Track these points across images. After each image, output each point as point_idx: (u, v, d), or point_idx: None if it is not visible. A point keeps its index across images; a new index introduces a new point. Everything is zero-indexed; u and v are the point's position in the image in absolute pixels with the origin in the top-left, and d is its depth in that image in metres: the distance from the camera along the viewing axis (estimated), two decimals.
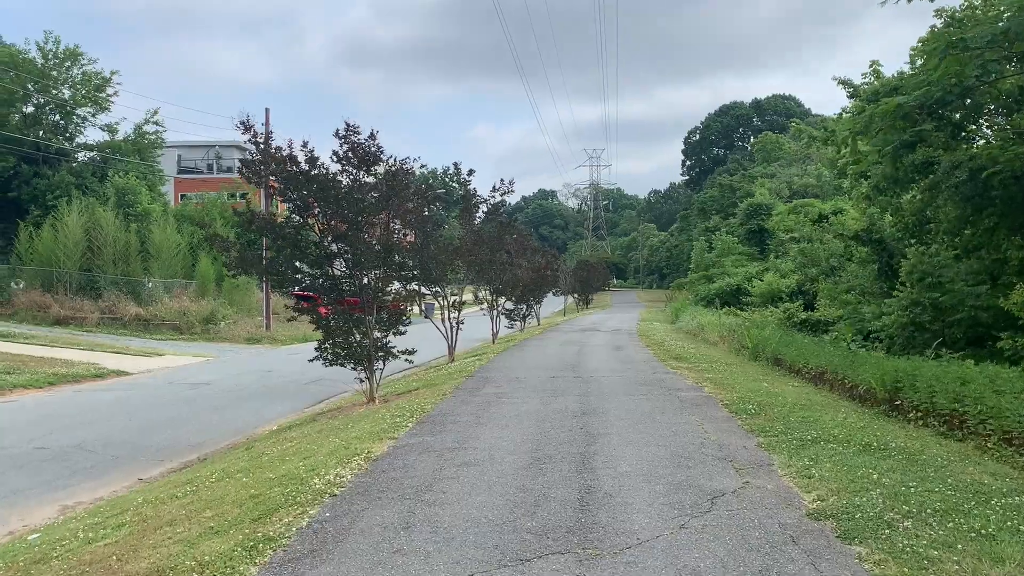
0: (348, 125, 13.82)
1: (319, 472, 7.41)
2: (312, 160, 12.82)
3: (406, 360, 14.45)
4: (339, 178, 13.47)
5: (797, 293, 35.11)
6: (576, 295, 62.87)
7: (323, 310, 28.22)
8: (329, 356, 13.83)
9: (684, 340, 24.71)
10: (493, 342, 27.37)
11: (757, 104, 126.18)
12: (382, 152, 13.71)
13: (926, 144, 21.02)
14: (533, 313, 38.12)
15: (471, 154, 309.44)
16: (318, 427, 12.03)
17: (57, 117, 52.66)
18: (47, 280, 39.56)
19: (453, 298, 22.78)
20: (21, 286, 39.41)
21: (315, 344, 14.17)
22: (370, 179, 13.92)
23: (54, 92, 51.33)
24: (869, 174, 22.61)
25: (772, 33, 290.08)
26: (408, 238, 20.97)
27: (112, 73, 53.90)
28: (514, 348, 22.90)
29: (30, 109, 49.42)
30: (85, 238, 39.63)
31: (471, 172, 21.23)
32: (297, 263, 13.69)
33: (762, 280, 37.98)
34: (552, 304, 55.98)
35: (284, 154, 12.81)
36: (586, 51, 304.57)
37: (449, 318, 21.23)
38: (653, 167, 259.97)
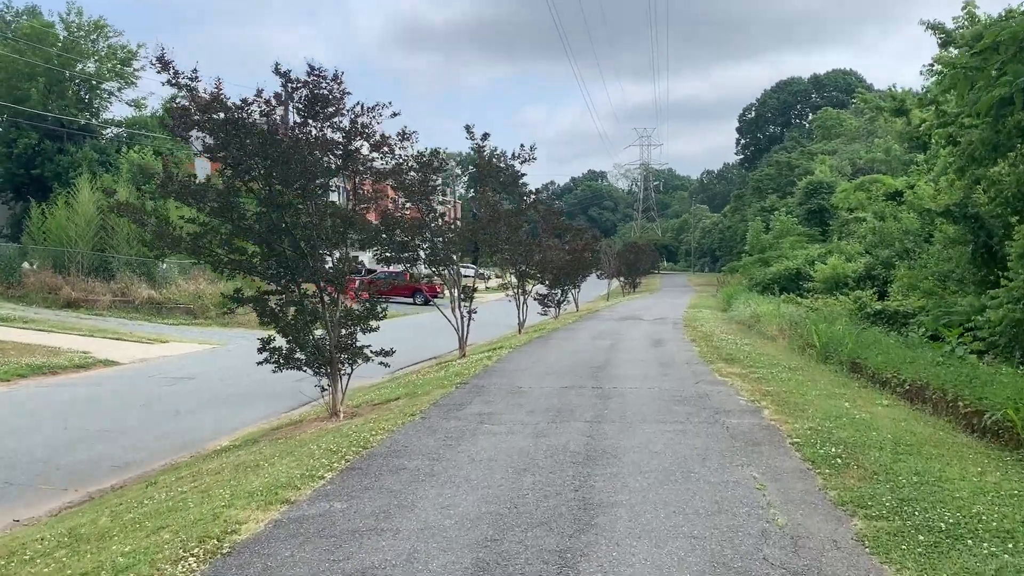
0: (312, 68, 10.80)
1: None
2: (245, 105, 9.81)
3: (380, 363, 11.50)
4: (297, 133, 10.46)
5: (865, 279, 31.30)
6: (622, 278, 59.32)
7: (351, 295, 25.23)
8: (280, 359, 10.92)
9: (736, 333, 21.29)
10: (519, 332, 24.29)
11: (816, 79, 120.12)
12: (344, 98, 10.63)
13: None
14: (571, 298, 34.93)
15: (523, 136, 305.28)
16: (249, 454, 9.15)
17: (81, 92, 50.85)
18: (59, 261, 37.62)
19: (466, 282, 19.77)
20: (33, 267, 37.58)
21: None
22: (336, 135, 10.89)
23: (78, 66, 49.48)
24: (960, 139, 18.93)
25: (833, 8, 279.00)
26: (410, 213, 18.01)
27: (139, 46, 51.84)
28: (538, 341, 19.79)
29: (52, 83, 47.55)
30: (99, 217, 37.55)
31: (486, 136, 18.11)
32: (241, 241, 10.76)
33: (825, 264, 34.14)
34: (597, 288, 52.60)
35: (212, 96, 9.82)
36: (637, 28, 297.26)
37: (460, 307, 18.20)
38: (707, 148, 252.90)
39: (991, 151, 17.71)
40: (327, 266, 10.93)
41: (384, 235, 17.49)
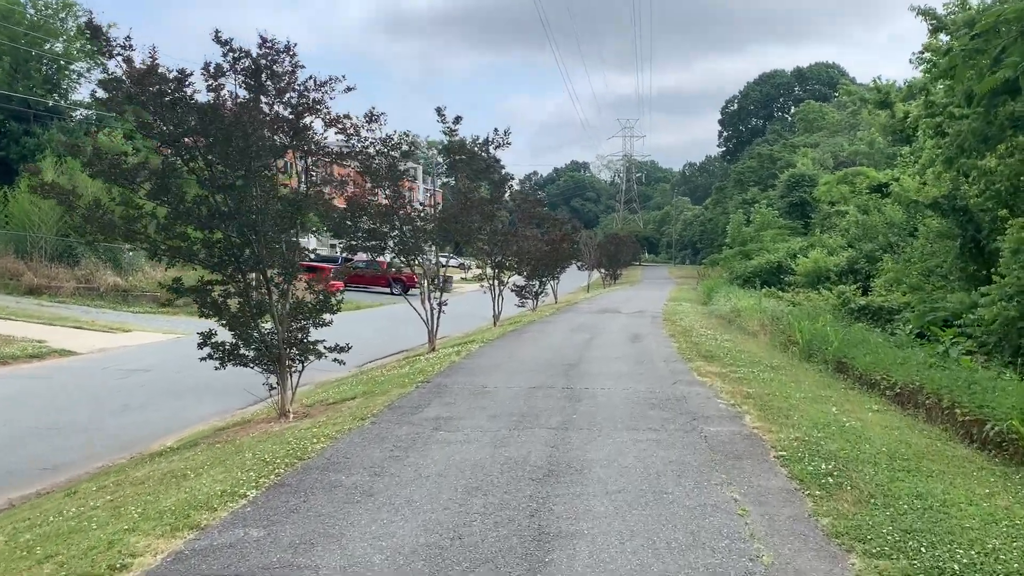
0: (263, 40, 9.90)
1: None
2: (183, 79, 8.90)
3: (335, 360, 10.67)
4: (240, 108, 9.56)
5: (848, 273, 30.75)
6: (603, 270, 58.65)
7: (333, 283, 24.30)
8: (223, 355, 10.07)
9: (717, 328, 20.61)
10: (495, 324, 23.51)
11: (799, 72, 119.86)
12: (296, 71, 9.74)
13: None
14: (549, 290, 34.17)
15: (507, 125, 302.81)
16: (183, 460, 8.30)
17: (49, 72, 49.31)
18: (21, 246, 36.33)
19: (439, 271, 18.93)
20: None
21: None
22: (286, 112, 9.99)
23: (46, 45, 47.97)
24: (948, 131, 18.29)
25: (816, 2, 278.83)
26: (379, 200, 17.15)
27: (110, 26, 50.30)
28: (511, 335, 19.00)
29: (19, 63, 46.03)
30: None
31: (458, 119, 17.22)
32: (183, 226, 9.87)
33: (807, 257, 33.57)
34: (577, 279, 51.86)
35: (147, 67, 8.91)
36: (620, 18, 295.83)
37: (429, 298, 17.36)
38: (689, 140, 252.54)
39: (981, 142, 17.06)
40: (277, 253, 10.08)
41: (349, 222, 16.68)
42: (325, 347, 10.71)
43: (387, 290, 41.31)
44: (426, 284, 17.39)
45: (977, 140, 16.93)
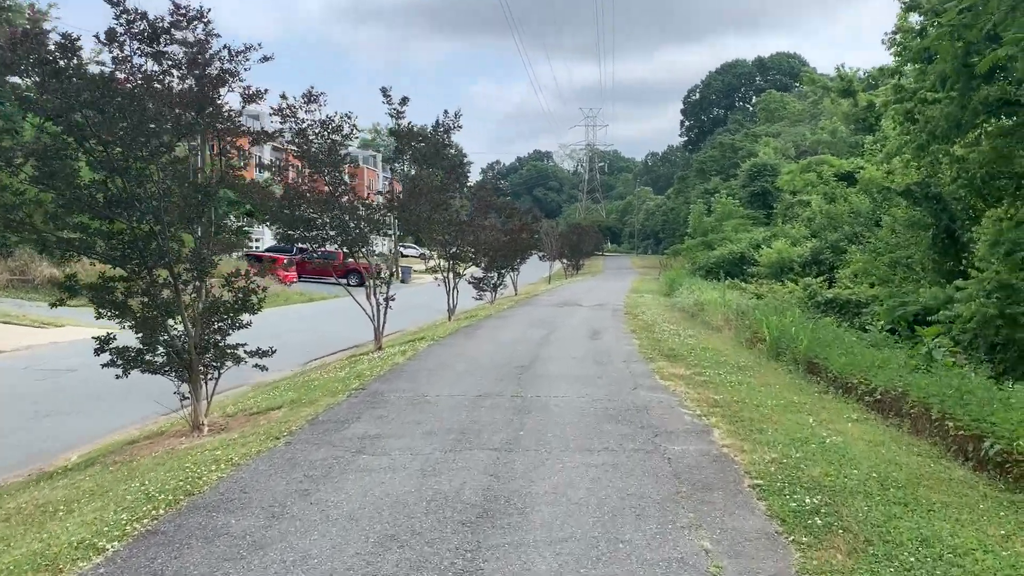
0: (177, 6, 8.67)
1: None
2: (71, 45, 7.64)
3: (256, 367, 9.54)
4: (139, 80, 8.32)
5: (811, 263, 30.21)
6: (565, 260, 57.75)
7: (285, 275, 22.44)
8: (126, 360, 8.88)
9: (680, 322, 19.74)
10: (449, 319, 22.40)
11: (760, 62, 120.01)
12: (210, 41, 8.52)
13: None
14: (508, 281, 33.15)
15: (471, 114, 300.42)
16: (69, 487, 7.12)
17: None
18: None
19: (407, 262, 17.80)
20: None
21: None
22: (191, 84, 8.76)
23: None
24: (919, 116, 17.57)
25: None
26: (320, 187, 15.93)
27: (50, 6, 48.13)
28: (464, 331, 17.93)
29: None
30: None
31: (404, 100, 16.03)
32: (80, 216, 8.63)
33: (770, 248, 32.98)
34: (539, 269, 50.90)
35: (26, 32, 7.65)
36: (583, 7, 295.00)
37: (375, 293, 16.20)
38: (652, 130, 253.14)
39: (955, 128, 16.37)
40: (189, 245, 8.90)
41: (287, 211, 15.46)
42: (246, 351, 9.58)
43: (344, 281, 39.96)
44: (371, 279, 16.19)
45: (950, 125, 16.22)
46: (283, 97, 15.15)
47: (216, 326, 9.25)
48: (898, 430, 8.25)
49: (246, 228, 16.22)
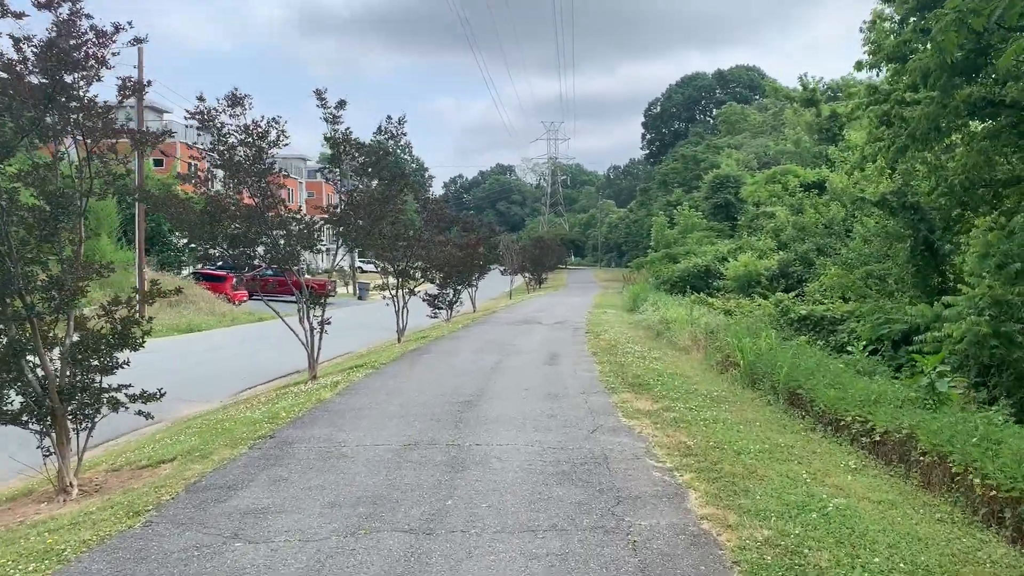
0: None
1: None
2: None
3: (140, 414, 7.94)
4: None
5: (779, 277, 29.09)
6: (527, 274, 56.30)
7: (234, 294, 20.50)
8: None
9: (644, 342, 18.36)
10: (399, 340, 20.79)
11: (720, 75, 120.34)
12: (76, 17, 6.95)
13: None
14: (468, 297, 31.64)
15: (432, 128, 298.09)
16: None
17: None
18: None
19: (366, 278, 16.19)
20: None
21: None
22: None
23: None
24: (894, 120, 16.45)
25: (734, 10, 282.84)
26: (246, 200, 14.33)
27: None
28: (411, 355, 16.36)
29: None
30: None
31: (342, 104, 14.47)
32: None
33: (736, 261, 31.84)
34: (500, 284, 49.41)
35: None
36: (542, 22, 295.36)
37: (308, 317, 14.58)
38: (613, 144, 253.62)
39: (934, 129, 15.27)
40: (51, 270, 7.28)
41: (208, 227, 13.82)
42: (128, 394, 7.96)
43: (294, 299, 38.11)
44: (303, 302, 14.55)
45: (930, 127, 15.12)
46: (200, 99, 13.57)
47: (87, 365, 7.62)
48: (905, 481, 6.88)
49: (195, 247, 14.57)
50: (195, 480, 6.73)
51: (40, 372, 7.41)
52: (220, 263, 17.48)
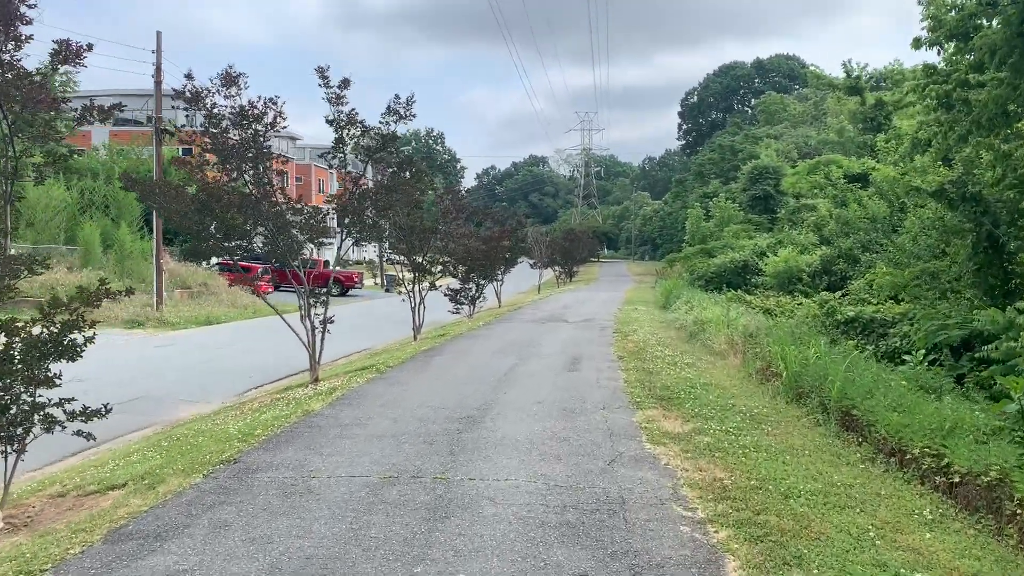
0: None
1: None
2: None
3: (79, 434, 6.81)
4: None
5: (822, 273, 27.43)
6: (557, 268, 54.82)
7: (264, 286, 19.56)
8: None
9: (676, 345, 16.97)
10: (415, 338, 19.64)
11: (759, 64, 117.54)
12: None
13: None
14: (493, 292, 30.45)
15: (467, 120, 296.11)
16: None
17: None
18: None
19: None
20: None
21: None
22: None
23: None
24: (955, 102, 14.86)
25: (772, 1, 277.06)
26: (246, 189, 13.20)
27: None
28: (422, 357, 15.18)
29: None
30: None
31: (345, 83, 13.23)
32: None
33: (776, 256, 30.18)
34: (530, 277, 48.15)
35: None
36: (577, 12, 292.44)
37: (310, 315, 13.43)
38: (648, 134, 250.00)
39: (1001, 115, 13.71)
40: None
41: (198, 216, 12.72)
42: (67, 411, 6.83)
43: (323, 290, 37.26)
44: (304, 298, 13.39)
45: (997, 110, 13.56)
46: (188, 77, 12.45)
47: (12, 377, 6.49)
48: (999, 541, 5.50)
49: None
50: (123, 523, 5.55)
51: None
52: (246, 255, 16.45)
